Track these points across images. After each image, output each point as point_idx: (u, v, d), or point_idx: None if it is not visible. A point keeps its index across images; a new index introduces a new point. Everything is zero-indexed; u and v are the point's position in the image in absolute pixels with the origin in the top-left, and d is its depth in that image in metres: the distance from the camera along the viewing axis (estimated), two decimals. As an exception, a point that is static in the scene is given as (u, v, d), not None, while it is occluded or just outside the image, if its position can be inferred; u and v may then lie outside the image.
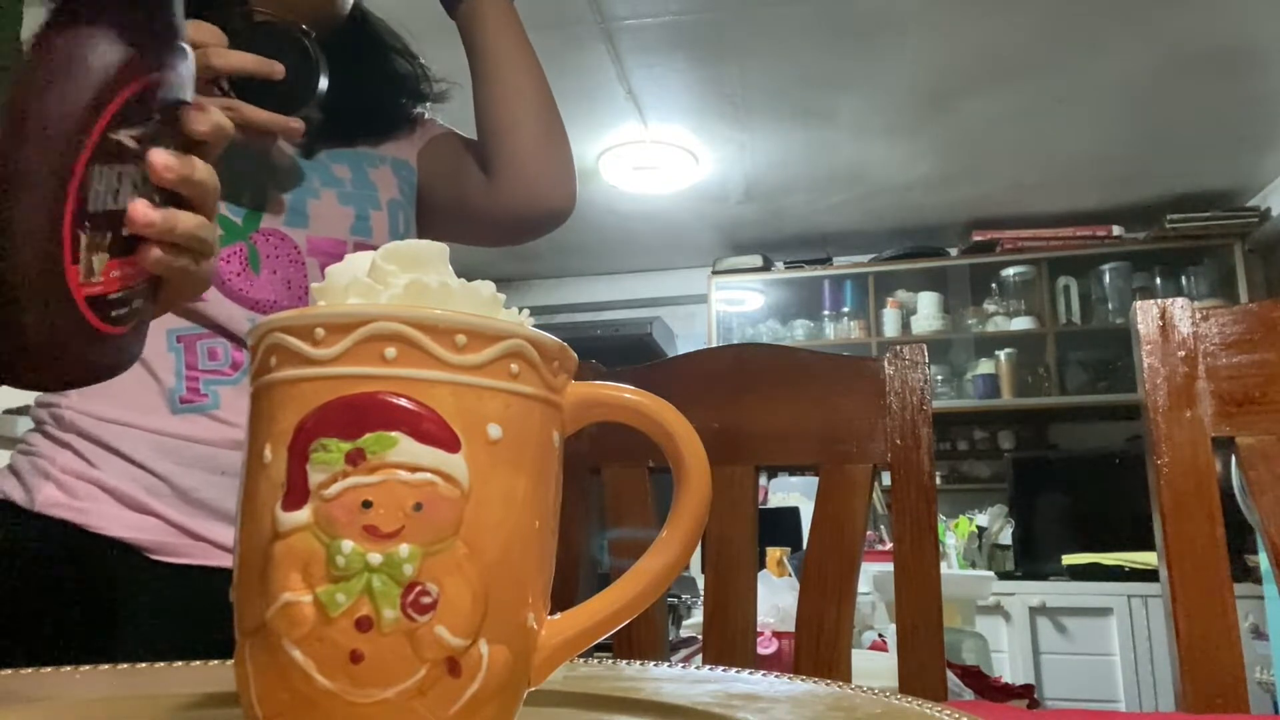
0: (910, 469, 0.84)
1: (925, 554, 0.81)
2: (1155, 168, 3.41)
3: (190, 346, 0.80)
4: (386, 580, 0.27)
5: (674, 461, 0.33)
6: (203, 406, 0.79)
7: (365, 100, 0.93)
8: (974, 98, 2.92)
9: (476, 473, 0.28)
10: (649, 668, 0.50)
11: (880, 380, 0.86)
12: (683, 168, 3.38)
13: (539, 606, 0.31)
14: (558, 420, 0.32)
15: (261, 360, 0.30)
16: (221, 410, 0.79)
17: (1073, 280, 3.77)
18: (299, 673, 0.28)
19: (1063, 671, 3.23)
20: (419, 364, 0.28)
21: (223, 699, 0.38)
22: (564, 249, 4.20)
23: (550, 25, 2.52)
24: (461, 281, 0.31)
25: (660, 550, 0.33)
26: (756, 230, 3.98)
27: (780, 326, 4.09)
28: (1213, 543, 0.71)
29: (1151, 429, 0.75)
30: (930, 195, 3.65)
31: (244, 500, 0.30)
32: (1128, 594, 3.20)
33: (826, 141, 3.23)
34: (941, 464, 3.91)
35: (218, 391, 0.79)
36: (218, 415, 0.79)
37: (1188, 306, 0.77)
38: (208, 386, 0.79)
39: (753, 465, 0.89)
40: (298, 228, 0.85)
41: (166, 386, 0.79)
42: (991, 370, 3.79)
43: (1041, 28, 2.55)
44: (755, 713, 0.38)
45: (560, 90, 0.97)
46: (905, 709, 0.38)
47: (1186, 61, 2.71)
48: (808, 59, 2.72)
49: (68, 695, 0.40)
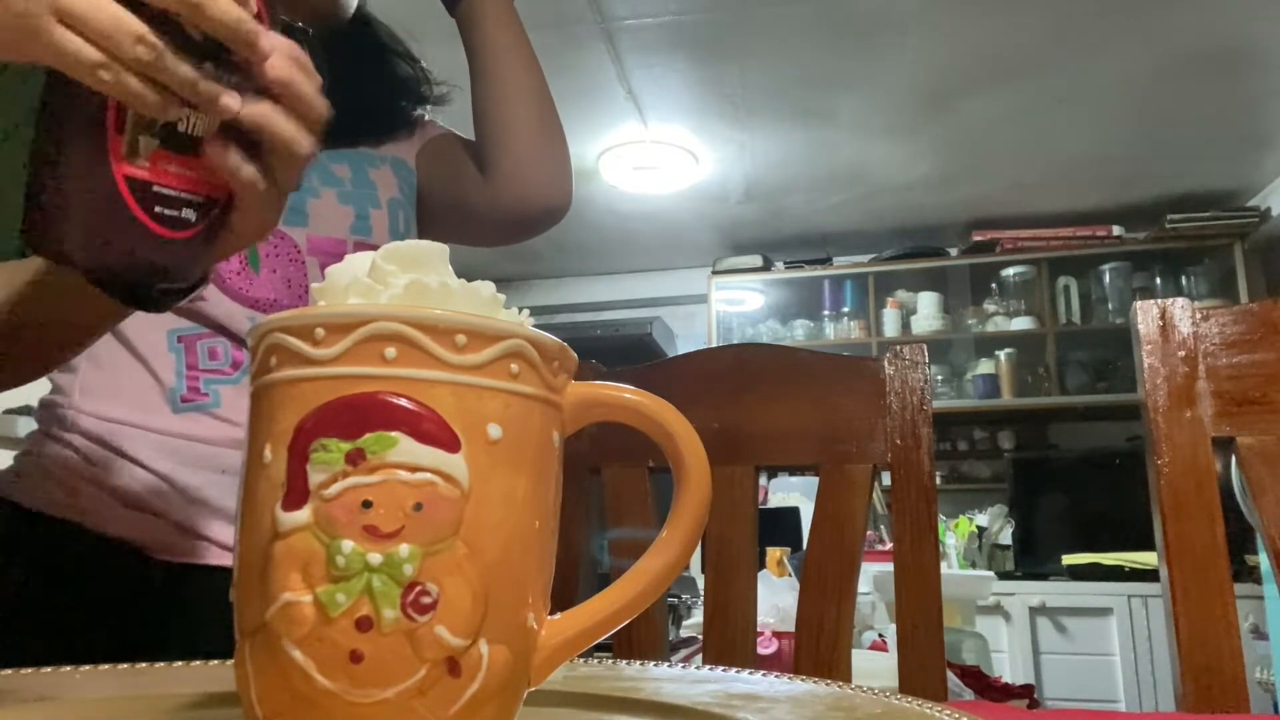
0: (910, 469, 0.84)
1: (925, 554, 0.81)
2: (1155, 168, 3.41)
3: (190, 346, 0.80)
4: (386, 580, 0.27)
5: (674, 461, 0.33)
6: (203, 405, 0.79)
7: (366, 101, 0.93)
8: (974, 98, 2.92)
9: (476, 473, 0.28)
10: (649, 668, 0.50)
11: (880, 380, 0.86)
12: (683, 168, 3.38)
13: (539, 606, 0.31)
14: (558, 420, 0.32)
15: (261, 360, 0.30)
16: (222, 409, 0.79)
17: (1073, 280, 3.77)
18: (299, 673, 0.28)
19: (1063, 671, 3.23)
20: (419, 364, 0.28)
21: (223, 699, 0.38)
22: (564, 249, 4.20)
23: (550, 25, 2.52)
24: (461, 282, 0.31)
25: (660, 550, 0.33)
26: (756, 230, 3.98)
27: (780, 326, 4.09)
28: (1213, 543, 0.71)
29: (1151, 429, 0.75)
30: (930, 195, 3.65)
31: (244, 500, 0.30)
32: (1128, 594, 3.20)
33: (826, 141, 3.23)
34: (941, 464, 3.91)
35: (218, 390, 0.79)
36: (219, 414, 0.79)
37: (1188, 306, 0.77)
38: (208, 385, 0.79)
39: (753, 465, 0.89)
40: (298, 226, 0.85)
41: (167, 386, 0.79)
42: (991, 370, 3.79)
43: (1041, 28, 2.55)
44: (755, 713, 0.38)
45: (560, 90, 0.98)
46: (905, 709, 0.38)
47: (1186, 61, 2.71)
48: (808, 59, 2.72)
49: (68, 695, 0.40)
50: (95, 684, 0.43)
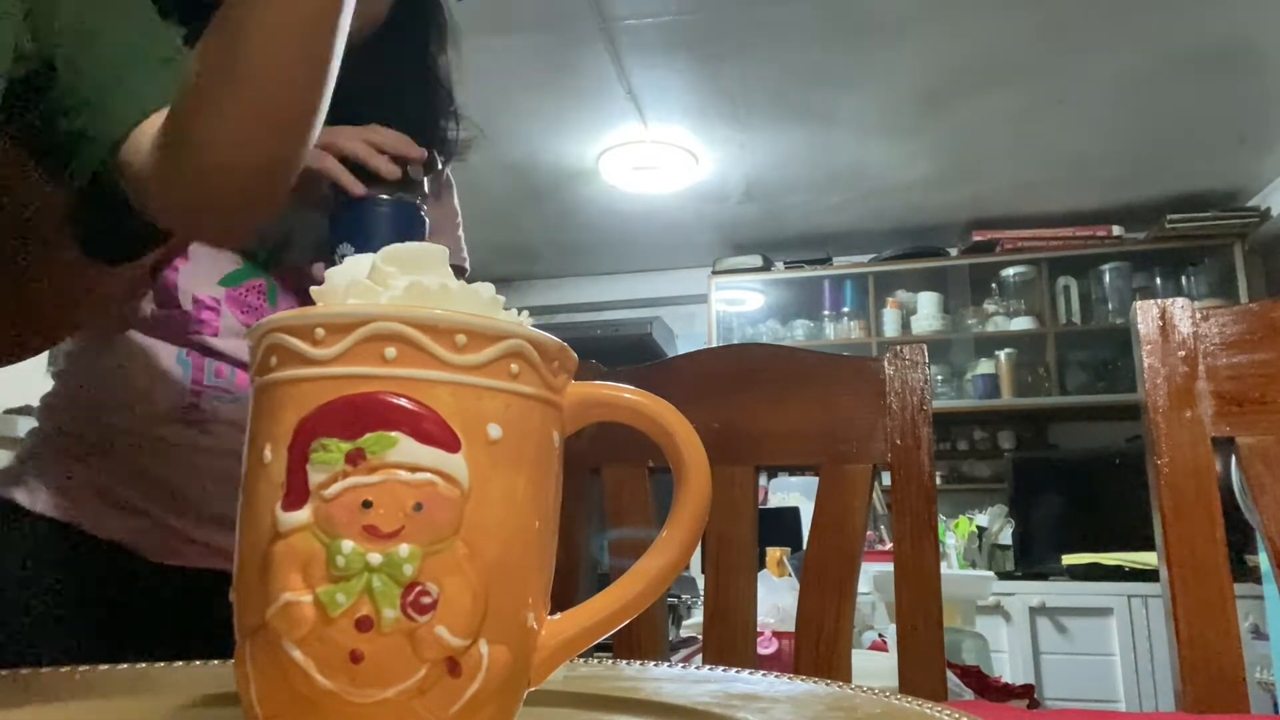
0: (910, 469, 0.84)
1: (925, 554, 0.81)
2: (1155, 168, 3.41)
3: (199, 364, 0.80)
4: (386, 580, 0.27)
5: (674, 461, 0.33)
6: (202, 420, 0.79)
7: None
8: (974, 98, 2.92)
9: (476, 473, 0.28)
10: (649, 668, 0.50)
11: (880, 380, 0.86)
12: (683, 168, 3.38)
13: (539, 606, 0.31)
14: (558, 420, 0.32)
15: (261, 360, 0.30)
16: (219, 425, 0.80)
17: (1073, 280, 3.77)
18: (299, 673, 0.28)
19: (1063, 671, 3.22)
20: (419, 364, 0.28)
21: (223, 699, 0.38)
22: (564, 249, 4.20)
23: (550, 25, 2.52)
24: (461, 283, 0.31)
25: (660, 550, 0.33)
26: (756, 230, 3.98)
27: (780, 326, 4.09)
28: (1213, 543, 0.71)
29: (1151, 429, 0.75)
30: (930, 195, 3.65)
31: (244, 500, 0.30)
32: (1128, 594, 3.20)
33: (826, 141, 3.23)
34: (941, 464, 3.91)
35: (218, 408, 0.80)
36: (215, 430, 0.79)
37: (1188, 306, 0.77)
38: (207, 402, 0.80)
39: (753, 465, 0.89)
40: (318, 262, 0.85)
41: (171, 398, 0.79)
42: (991, 370, 3.79)
43: (1041, 28, 2.55)
44: (755, 713, 0.38)
45: (560, 90, 0.97)
46: (905, 709, 0.38)
47: (1186, 61, 2.71)
48: (808, 59, 2.72)
49: (68, 695, 0.40)
50: (95, 684, 0.43)
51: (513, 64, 2.67)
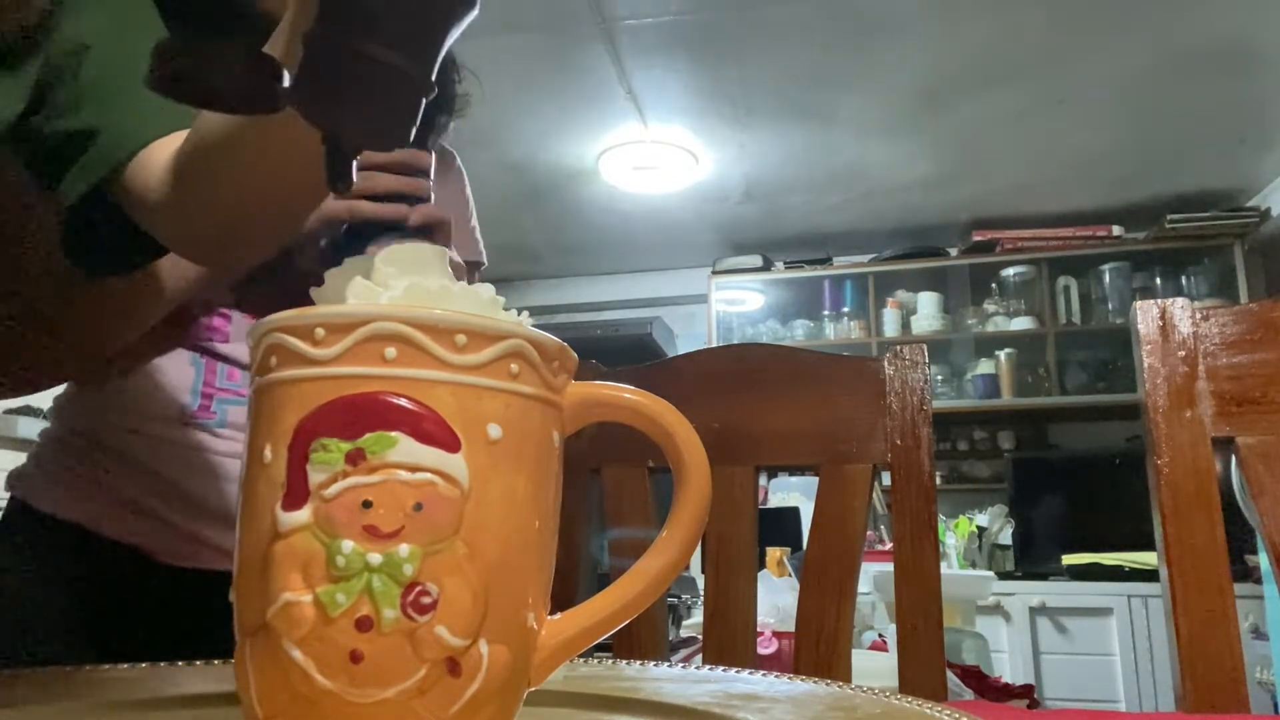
0: (910, 469, 0.84)
1: (925, 554, 0.81)
2: (1155, 168, 3.41)
3: (211, 366, 0.80)
4: (386, 580, 0.27)
5: (674, 461, 0.33)
6: (209, 424, 0.79)
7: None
8: (974, 97, 2.92)
9: (476, 473, 0.28)
10: (649, 668, 0.50)
11: (880, 380, 0.86)
12: (683, 168, 3.38)
13: (539, 606, 0.31)
14: (558, 420, 0.32)
15: (262, 360, 0.30)
16: (227, 429, 0.80)
17: (1073, 280, 3.77)
18: (299, 673, 0.28)
19: (1063, 671, 3.22)
20: (419, 364, 0.28)
21: (223, 699, 0.38)
22: (564, 249, 4.20)
23: (550, 25, 2.52)
24: (461, 284, 0.31)
25: (660, 550, 0.34)
26: (756, 230, 3.98)
27: (780, 326, 4.09)
28: (1213, 543, 0.71)
29: (1151, 429, 0.75)
30: (930, 195, 3.65)
31: (244, 500, 0.30)
32: (1128, 594, 3.20)
33: (826, 141, 3.23)
34: (941, 464, 3.91)
35: (226, 410, 0.80)
36: (223, 433, 0.80)
37: (1188, 306, 0.77)
38: (218, 405, 0.80)
39: (753, 465, 0.89)
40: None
41: (182, 400, 0.79)
42: (991, 370, 3.79)
43: (1041, 28, 2.55)
44: (755, 713, 0.38)
45: (560, 90, 0.97)
46: (905, 709, 0.38)
47: (1186, 61, 2.71)
48: (807, 59, 2.72)
49: (71, 695, 0.40)
50: (98, 684, 0.43)
51: (513, 64, 2.67)
